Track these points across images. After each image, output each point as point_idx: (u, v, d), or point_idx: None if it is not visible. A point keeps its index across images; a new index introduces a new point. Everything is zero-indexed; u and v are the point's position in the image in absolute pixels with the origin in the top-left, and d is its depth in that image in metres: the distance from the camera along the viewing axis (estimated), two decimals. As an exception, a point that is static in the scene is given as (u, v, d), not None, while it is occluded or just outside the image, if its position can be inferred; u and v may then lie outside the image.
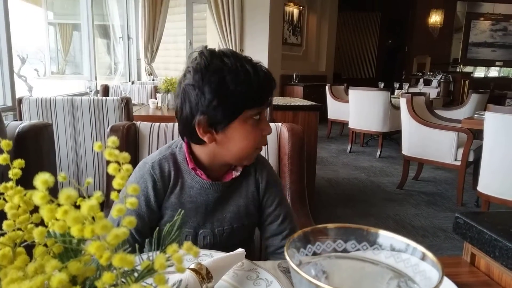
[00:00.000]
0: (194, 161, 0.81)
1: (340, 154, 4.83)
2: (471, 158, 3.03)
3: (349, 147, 4.96)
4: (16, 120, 2.09)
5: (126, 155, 0.28)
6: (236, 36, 6.07)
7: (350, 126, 4.86)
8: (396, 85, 5.34)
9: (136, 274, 0.29)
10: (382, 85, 5.00)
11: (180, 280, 0.53)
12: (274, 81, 0.78)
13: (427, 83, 6.46)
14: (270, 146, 1.20)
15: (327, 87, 5.70)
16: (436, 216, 2.84)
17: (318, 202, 3.02)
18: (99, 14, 4.38)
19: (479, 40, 9.02)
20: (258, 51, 6.18)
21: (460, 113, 4.22)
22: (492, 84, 8.25)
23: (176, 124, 1.08)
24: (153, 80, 5.01)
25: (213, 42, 6.47)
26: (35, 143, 1.09)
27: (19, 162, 0.30)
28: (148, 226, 0.82)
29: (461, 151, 3.01)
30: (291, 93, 6.48)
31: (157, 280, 0.26)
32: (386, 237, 0.36)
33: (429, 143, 3.20)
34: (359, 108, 4.66)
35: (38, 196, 0.24)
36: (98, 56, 4.22)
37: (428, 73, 7.34)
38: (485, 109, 2.46)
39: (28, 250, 0.28)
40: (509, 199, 2.29)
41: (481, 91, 4.63)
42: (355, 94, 4.65)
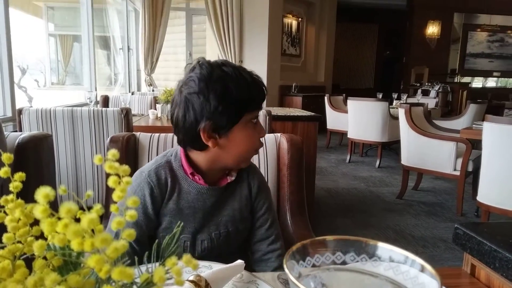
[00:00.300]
0: (192, 167, 0.84)
1: (340, 164, 4.83)
2: (470, 168, 3.03)
3: (348, 157, 4.96)
4: (16, 131, 2.10)
5: (126, 168, 0.29)
6: (236, 47, 6.11)
7: (349, 136, 4.87)
8: (395, 96, 5.37)
9: (135, 287, 0.29)
10: (380, 96, 5.03)
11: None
12: (264, 86, 0.83)
13: (425, 93, 6.50)
14: (270, 156, 1.20)
15: (326, 98, 5.73)
16: (436, 226, 2.83)
17: (318, 213, 3.01)
18: (100, 26, 4.42)
19: (476, 51, 9.09)
20: (257, 62, 6.23)
21: (459, 123, 4.24)
22: (490, 95, 8.30)
23: (175, 134, 1.09)
24: (153, 90, 5.04)
25: (213, 53, 6.52)
26: (35, 154, 1.09)
27: (20, 175, 0.30)
28: (146, 234, 0.83)
29: (460, 161, 3.02)
30: (290, 104, 6.50)
31: (156, 293, 0.26)
32: (385, 249, 0.36)
33: (428, 153, 3.20)
34: (358, 118, 4.68)
35: (39, 210, 0.24)
36: (98, 67, 4.24)
37: (426, 84, 7.39)
38: (483, 119, 2.47)
39: (28, 263, 0.29)
40: (509, 209, 2.29)
41: (479, 102, 4.66)
42: (354, 104, 4.68)
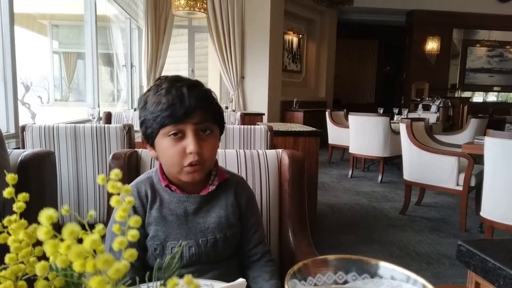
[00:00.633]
0: (168, 180, 0.87)
1: (342, 179, 4.81)
2: (473, 183, 3.02)
3: (350, 172, 4.95)
4: (19, 148, 2.11)
5: (128, 188, 0.29)
6: (237, 64, 6.18)
7: (350, 151, 4.86)
8: (396, 111, 5.39)
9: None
10: (381, 111, 5.05)
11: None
12: (191, 99, 0.78)
13: (426, 108, 6.52)
14: (271, 172, 1.20)
15: (327, 113, 5.75)
16: (440, 242, 2.80)
17: (320, 228, 2.99)
18: (103, 43, 4.49)
19: (476, 66, 9.16)
20: (258, 78, 6.29)
21: (460, 138, 4.24)
22: (491, 109, 8.31)
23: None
24: (155, 106, 5.06)
25: (215, 69, 6.59)
26: (37, 172, 1.09)
27: (23, 196, 0.30)
28: (135, 246, 0.82)
29: (462, 176, 3.01)
30: (292, 119, 6.53)
31: (157, 314, 0.26)
32: (387, 268, 0.36)
33: (430, 168, 3.19)
34: (359, 134, 4.68)
35: (42, 232, 0.24)
36: (102, 84, 4.29)
37: (427, 99, 7.42)
38: (484, 134, 2.47)
39: (30, 283, 0.29)
40: (513, 225, 2.27)
41: (480, 116, 4.67)
42: (355, 119, 4.69)
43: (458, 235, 2.95)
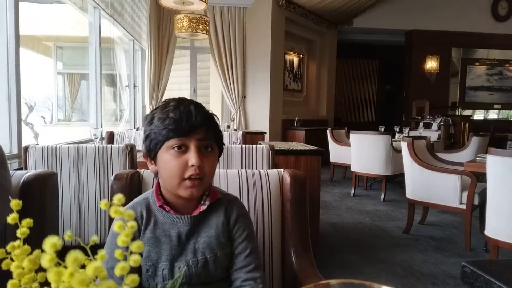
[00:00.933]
0: (163, 199, 0.89)
1: (344, 198, 4.78)
2: (476, 201, 2.99)
3: (352, 191, 4.92)
4: (21, 168, 2.11)
5: (131, 213, 0.29)
6: (239, 84, 6.25)
7: (352, 169, 4.85)
8: (397, 129, 5.40)
9: (137, 334, 0.29)
10: (382, 129, 5.06)
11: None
12: (198, 116, 0.83)
13: (427, 126, 6.53)
14: (273, 192, 1.20)
15: (328, 131, 5.76)
16: (445, 262, 2.76)
17: (323, 248, 2.95)
18: (107, 64, 4.56)
19: (476, 84, 9.22)
20: (260, 98, 6.35)
21: (462, 156, 4.23)
22: (492, 127, 8.32)
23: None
24: (157, 126, 5.09)
25: (217, 89, 6.66)
26: (39, 193, 1.09)
27: (27, 222, 0.31)
28: (136, 270, 0.82)
29: (465, 194, 2.99)
30: (293, 138, 6.55)
31: None
32: (389, 292, 0.35)
33: (433, 186, 3.18)
34: (361, 152, 4.68)
35: (46, 259, 0.24)
36: (105, 104, 4.33)
37: (428, 117, 7.44)
38: (486, 152, 2.47)
39: (31, 310, 0.28)
40: (518, 244, 2.24)
41: (481, 134, 4.67)
42: (357, 138, 4.70)
43: (463, 254, 2.91)
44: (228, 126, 5.46)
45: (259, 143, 2.50)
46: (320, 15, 7.20)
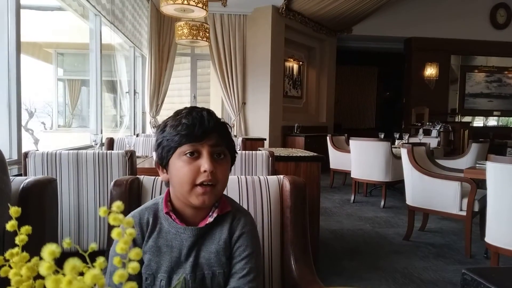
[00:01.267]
0: (171, 207, 0.87)
1: (344, 204, 4.77)
2: (476, 208, 2.99)
3: (352, 197, 4.91)
4: (21, 174, 2.11)
5: (130, 220, 0.29)
6: (239, 90, 6.27)
7: (352, 176, 4.85)
8: (396, 135, 5.41)
9: None
10: (382, 135, 5.06)
11: None
12: (210, 121, 0.83)
13: (427, 133, 6.54)
14: (272, 199, 1.20)
15: (328, 138, 5.77)
16: (445, 269, 2.74)
17: (323, 255, 2.94)
18: (108, 71, 4.58)
19: (475, 91, 9.25)
20: (260, 104, 6.36)
21: (462, 163, 4.23)
22: (492, 133, 8.33)
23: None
24: (157, 132, 5.09)
25: (217, 96, 6.68)
26: (38, 199, 1.09)
27: (26, 229, 0.31)
28: (136, 277, 0.81)
29: (465, 201, 2.98)
30: (293, 144, 6.55)
31: None
32: (388, 300, 0.35)
33: (433, 193, 3.17)
34: (360, 158, 4.68)
35: (44, 267, 0.24)
36: (105, 110, 4.34)
37: (427, 123, 7.45)
38: (486, 159, 2.47)
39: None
40: (519, 251, 2.23)
41: (481, 141, 4.67)
42: (356, 144, 4.70)
43: (463, 261, 2.90)
44: (228, 133, 5.46)
45: (259, 150, 2.50)
46: (319, 23, 7.24)
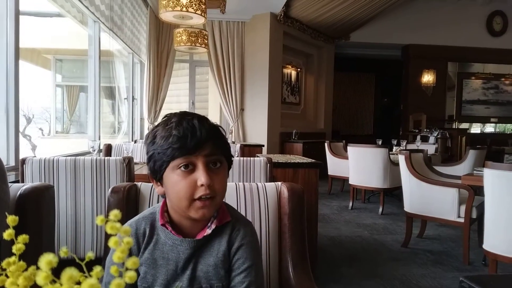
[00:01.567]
0: (168, 218, 0.84)
1: (342, 211, 4.76)
2: (474, 215, 2.99)
3: (350, 204, 4.91)
4: (18, 181, 2.10)
5: (127, 229, 0.29)
6: (237, 96, 6.29)
7: (350, 182, 4.85)
8: (394, 142, 5.42)
9: None
10: (380, 142, 5.07)
11: None
12: (202, 130, 0.77)
13: (424, 139, 6.56)
14: (270, 206, 1.20)
15: (326, 144, 5.77)
16: (444, 276, 2.74)
17: (321, 262, 2.93)
18: (106, 77, 4.58)
19: (472, 98, 9.31)
20: (258, 110, 6.38)
21: (459, 169, 4.24)
22: (489, 140, 8.37)
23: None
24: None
25: (215, 102, 6.70)
26: (35, 206, 1.09)
27: (23, 238, 0.31)
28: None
29: (463, 207, 2.98)
30: (291, 150, 6.55)
31: None
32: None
33: (430, 199, 3.17)
34: (358, 165, 4.69)
35: (41, 276, 0.24)
36: (103, 116, 4.34)
37: (425, 130, 7.47)
38: (483, 165, 2.47)
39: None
40: (517, 258, 2.23)
41: (478, 147, 4.68)
42: (354, 151, 4.71)
43: (462, 268, 2.89)
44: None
45: (257, 156, 2.50)
46: (317, 30, 7.29)
